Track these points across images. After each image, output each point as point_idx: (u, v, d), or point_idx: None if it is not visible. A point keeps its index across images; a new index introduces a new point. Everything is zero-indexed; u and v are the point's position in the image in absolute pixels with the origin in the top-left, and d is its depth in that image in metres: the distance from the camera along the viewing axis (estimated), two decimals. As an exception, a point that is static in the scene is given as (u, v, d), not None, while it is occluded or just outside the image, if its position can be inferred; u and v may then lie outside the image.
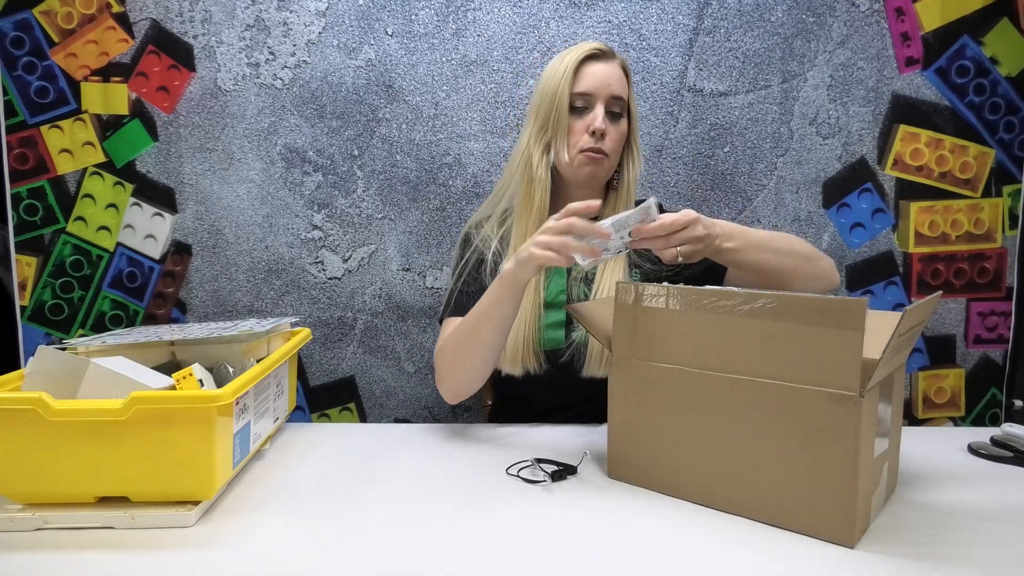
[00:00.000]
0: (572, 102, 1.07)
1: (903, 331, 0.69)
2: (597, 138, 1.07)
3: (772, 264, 0.98)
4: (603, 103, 1.07)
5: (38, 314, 1.37)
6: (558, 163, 1.10)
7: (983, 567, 0.65)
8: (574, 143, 1.08)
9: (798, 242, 1.04)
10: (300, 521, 0.76)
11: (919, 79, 1.39)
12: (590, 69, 1.08)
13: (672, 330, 0.80)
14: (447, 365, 1.04)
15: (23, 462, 0.74)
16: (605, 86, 1.07)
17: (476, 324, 0.99)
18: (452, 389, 1.05)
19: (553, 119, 1.08)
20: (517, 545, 0.70)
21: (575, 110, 1.08)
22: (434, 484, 0.86)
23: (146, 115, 1.35)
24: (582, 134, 1.07)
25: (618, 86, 1.08)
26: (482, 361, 1.02)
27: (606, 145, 1.07)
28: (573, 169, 1.09)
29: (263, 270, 1.40)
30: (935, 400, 1.46)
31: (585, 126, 1.07)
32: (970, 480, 0.86)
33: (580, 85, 1.07)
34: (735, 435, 0.75)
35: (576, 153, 1.08)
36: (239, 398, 0.79)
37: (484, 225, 1.18)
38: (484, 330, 0.98)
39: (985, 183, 1.41)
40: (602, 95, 1.07)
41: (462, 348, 1.02)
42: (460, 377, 1.04)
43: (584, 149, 1.07)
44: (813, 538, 0.70)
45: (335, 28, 1.36)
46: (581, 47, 1.09)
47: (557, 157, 1.09)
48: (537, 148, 1.09)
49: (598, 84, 1.07)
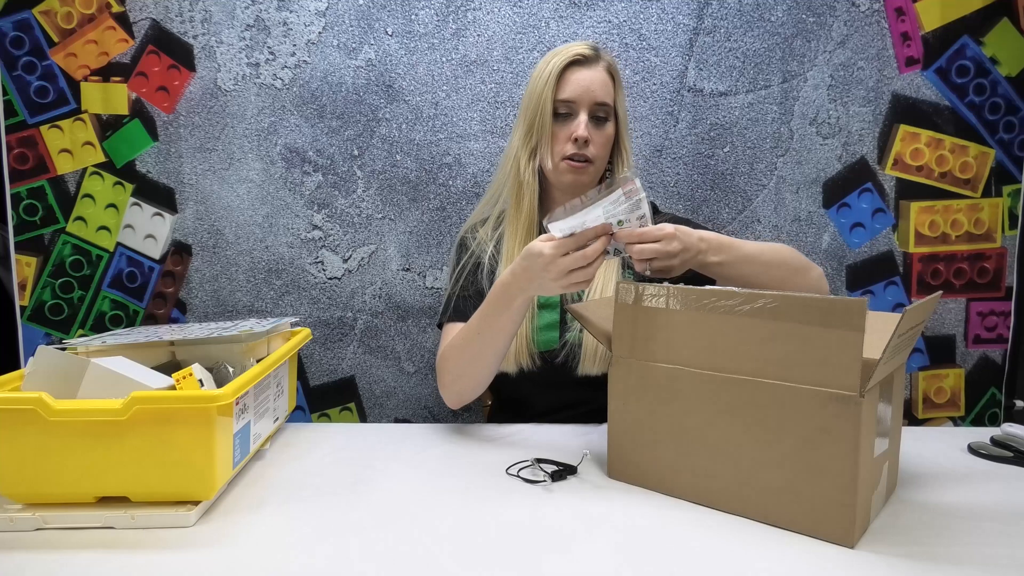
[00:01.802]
0: (555, 108, 1.07)
1: (903, 331, 0.69)
2: (580, 145, 1.06)
3: (760, 277, 0.96)
4: (587, 110, 1.07)
5: (38, 314, 1.37)
6: (543, 168, 1.11)
7: (983, 567, 0.65)
8: (557, 150, 1.08)
9: (789, 253, 1.02)
10: (300, 521, 0.76)
11: (919, 79, 1.39)
12: (573, 76, 1.07)
13: (672, 330, 0.80)
14: (450, 373, 1.04)
15: (23, 462, 0.74)
16: (588, 93, 1.06)
17: (479, 332, 0.99)
18: (456, 395, 1.05)
19: (537, 125, 1.08)
20: (517, 545, 0.70)
21: (559, 116, 1.07)
22: (434, 484, 0.86)
23: (146, 115, 1.35)
24: (565, 141, 1.07)
25: (602, 92, 1.07)
26: (486, 368, 1.02)
27: (590, 151, 1.07)
28: (557, 175, 1.10)
29: (263, 270, 1.40)
30: (935, 400, 1.46)
31: (568, 133, 1.07)
32: (970, 480, 0.86)
33: (563, 92, 1.06)
34: (735, 435, 0.75)
35: (559, 160, 1.08)
36: (239, 398, 0.79)
37: (480, 228, 1.18)
38: (488, 338, 0.99)
39: (985, 183, 1.41)
40: (585, 102, 1.07)
41: (466, 355, 1.02)
42: (464, 384, 1.04)
43: (567, 156, 1.07)
44: (813, 538, 0.70)
45: (335, 28, 1.36)
46: (565, 51, 1.08)
47: (542, 163, 1.10)
48: (524, 153, 1.09)
49: (580, 91, 1.06)
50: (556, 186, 1.12)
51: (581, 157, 1.07)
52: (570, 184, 1.10)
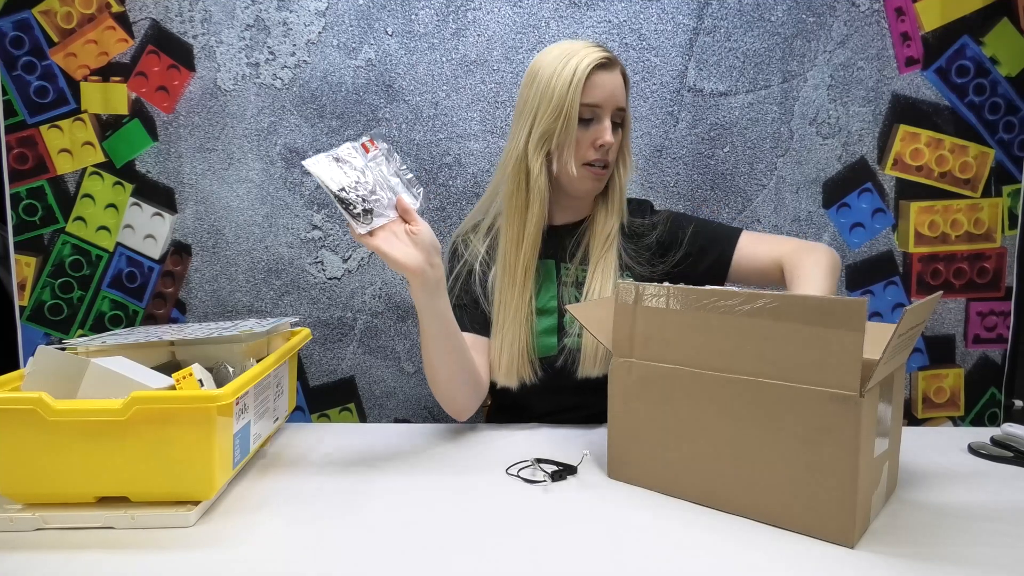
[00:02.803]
0: (580, 113, 1.02)
1: (903, 331, 0.69)
2: (603, 152, 1.04)
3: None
4: (610, 115, 1.04)
5: (37, 314, 1.37)
6: (560, 174, 1.06)
7: (983, 567, 0.65)
8: (579, 156, 1.04)
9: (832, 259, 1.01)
10: (300, 521, 0.76)
11: (919, 79, 1.39)
12: (599, 79, 1.02)
13: (672, 330, 0.80)
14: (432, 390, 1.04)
15: (23, 462, 0.74)
16: (613, 98, 1.03)
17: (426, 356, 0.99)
18: (451, 410, 1.05)
19: (560, 129, 1.02)
20: (517, 545, 0.70)
21: (581, 121, 1.03)
22: (434, 484, 0.86)
23: (146, 115, 1.35)
24: (588, 147, 1.04)
25: (622, 97, 1.05)
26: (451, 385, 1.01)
27: (610, 156, 1.06)
28: (574, 181, 1.06)
29: (263, 270, 1.40)
30: (935, 400, 1.46)
31: (592, 138, 1.03)
32: (970, 480, 0.86)
33: (590, 96, 1.02)
34: (735, 435, 0.75)
35: (581, 166, 1.04)
36: (239, 398, 0.79)
37: (472, 236, 1.15)
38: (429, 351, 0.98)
39: (985, 183, 1.41)
40: (609, 107, 1.03)
41: (430, 374, 1.01)
42: (448, 404, 1.04)
43: (588, 162, 1.04)
44: (813, 538, 0.70)
45: (335, 28, 1.36)
46: (587, 53, 1.01)
47: (561, 168, 1.05)
48: (537, 157, 1.03)
49: (607, 96, 1.03)
50: (571, 192, 1.08)
51: (602, 163, 1.05)
52: (588, 191, 1.07)
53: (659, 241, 1.12)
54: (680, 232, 1.12)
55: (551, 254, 1.12)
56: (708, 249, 1.10)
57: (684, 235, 1.11)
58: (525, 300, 1.07)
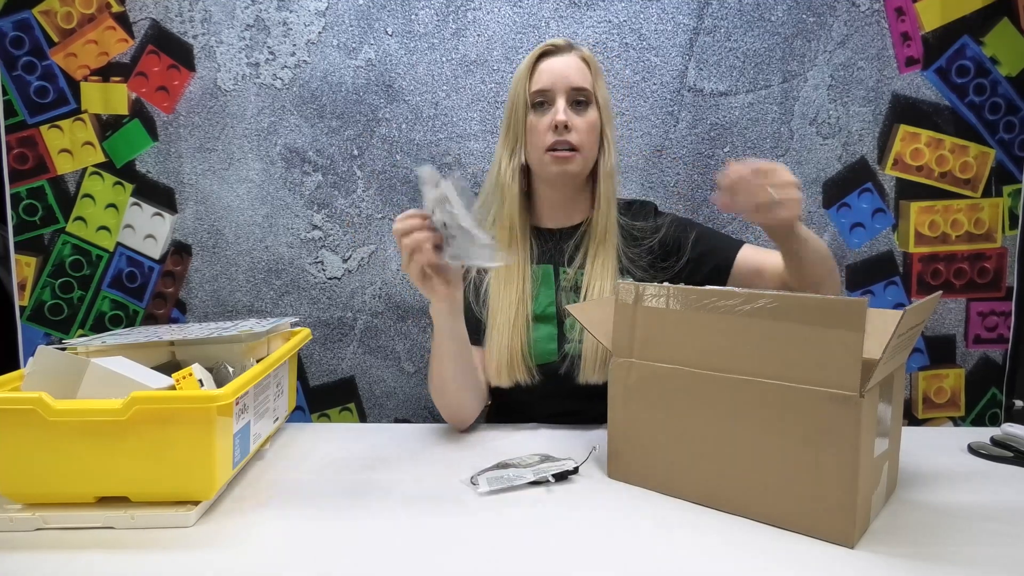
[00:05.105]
0: (532, 101, 1.05)
1: (903, 331, 0.69)
2: (560, 131, 1.03)
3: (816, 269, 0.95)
4: (563, 96, 1.04)
5: (38, 314, 1.37)
6: (531, 166, 1.09)
7: (983, 567, 0.65)
8: (539, 143, 1.05)
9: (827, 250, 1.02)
10: (300, 521, 0.76)
11: (919, 79, 1.39)
12: (545, 65, 1.05)
13: (672, 330, 0.80)
14: (436, 401, 1.04)
15: (23, 462, 0.74)
16: (562, 78, 1.04)
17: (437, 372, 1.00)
18: (454, 421, 1.05)
19: (513, 121, 1.06)
20: (517, 545, 0.70)
21: (536, 108, 1.05)
22: (434, 484, 0.86)
23: (146, 115, 1.35)
24: (546, 132, 1.04)
25: (578, 76, 1.05)
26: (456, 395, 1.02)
27: (573, 138, 1.04)
28: (542, 168, 1.07)
29: (263, 270, 1.40)
30: (935, 400, 1.46)
31: (547, 123, 1.04)
32: (970, 480, 0.86)
33: (537, 83, 1.05)
34: (735, 435, 0.75)
35: (543, 153, 1.05)
36: (239, 398, 0.79)
37: None
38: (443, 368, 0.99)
39: (985, 183, 1.41)
40: (561, 88, 1.04)
41: (435, 385, 1.02)
42: (453, 415, 1.04)
43: (549, 147, 1.04)
44: (813, 538, 0.70)
45: (335, 28, 1.36)
46: (538, 47, 1.07)
47: (527, 159, 1.08)
48: (505, 153, 1.08)
49: (554, 78, 1.05)
50: (544, 181, 1.09)
51: (564, 145, 1.04)
52: (557, 176, 1.06)
53: (662, 243, 1.12)
54: (683, 236, 1.11)
55: (549, 259, 1.12)
56: (708, 256, 1.10)
57: (687, 240, 1.11)
58: (516, 300, 1.07)
